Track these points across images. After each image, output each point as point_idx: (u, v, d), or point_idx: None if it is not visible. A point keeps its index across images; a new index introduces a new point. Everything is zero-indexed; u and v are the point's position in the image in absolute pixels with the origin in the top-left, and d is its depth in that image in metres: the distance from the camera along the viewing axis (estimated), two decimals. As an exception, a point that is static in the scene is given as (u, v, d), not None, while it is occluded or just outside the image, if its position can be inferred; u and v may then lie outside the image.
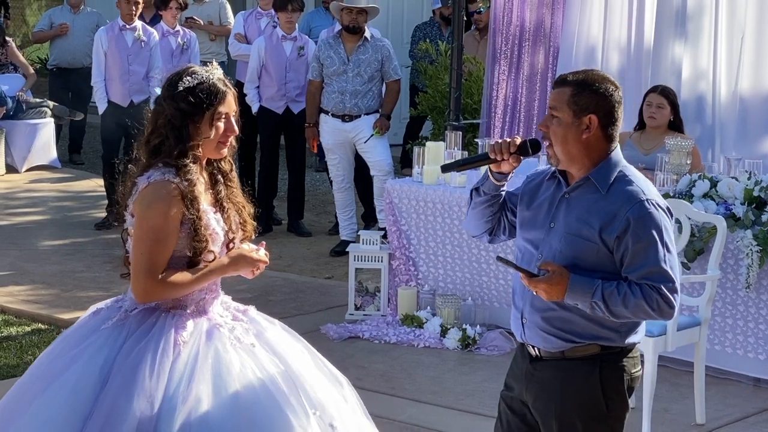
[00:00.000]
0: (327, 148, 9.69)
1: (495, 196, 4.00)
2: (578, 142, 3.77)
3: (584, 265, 3.75)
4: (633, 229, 3.70)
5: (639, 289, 3.68)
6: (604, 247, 3.73)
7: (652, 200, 3.73)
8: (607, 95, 3.77)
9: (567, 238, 3.78)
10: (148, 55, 10.37)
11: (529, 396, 3.93)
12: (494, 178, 3.96)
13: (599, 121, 3.76)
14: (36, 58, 20.46)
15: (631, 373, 3.88)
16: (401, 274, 7.81)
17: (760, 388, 6.65)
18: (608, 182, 3.77)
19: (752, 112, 7.88)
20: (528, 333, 3.90)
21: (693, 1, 8.04)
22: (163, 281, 3.91)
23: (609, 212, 3.73)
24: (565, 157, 3.80)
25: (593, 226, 3.74)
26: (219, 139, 4.01)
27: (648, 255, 3.69)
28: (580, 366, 3.82)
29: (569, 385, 3.83)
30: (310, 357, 4.12)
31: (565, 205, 3.83)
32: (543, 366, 3.89)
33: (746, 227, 6.51)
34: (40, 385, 3.91)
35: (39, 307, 8.02)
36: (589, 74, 3.83)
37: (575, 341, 3.81)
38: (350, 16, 9.39)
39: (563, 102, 3.78)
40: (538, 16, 8.56)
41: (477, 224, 4.09)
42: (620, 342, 3.83)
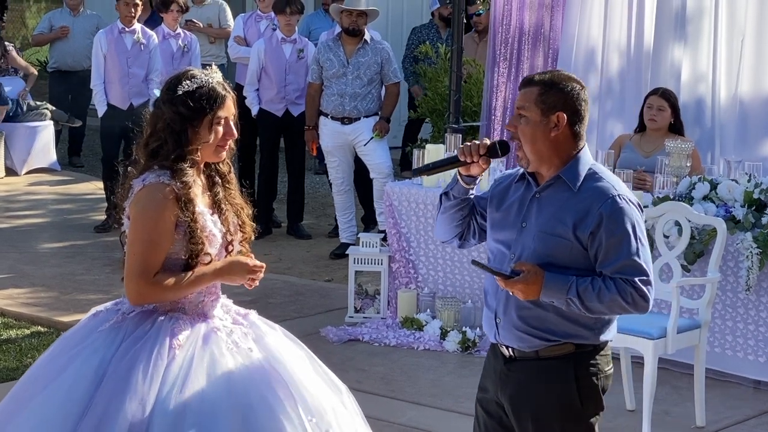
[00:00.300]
0: (326, 151, 9.69)
1: (464, 200, 4.03)
2: (547, 140, 3.81)
3: (558, 263, 3.78)
4: (606, 225, 3.74)
5: (613, 283, 3.72)
6: (578, 243, 3.77)
7: (623, 196, 3.78)
8: (574, 93, 3.82)
9: (540, 237, 3.81)
10: (148, 58, 10.37)
11: (504, 397, 3.94)
12: (463, 182, 4.00)
13: (567, 119, 3.80)
14: (35, 60, 20.45)
15: (605, 371, 3.91)
16: (401, 277, 7.81)
17: (760, 391, 6.64)
18: (579, 180, 3.82)
19: (752, 115, 7.87)
20: (502, 333, 3.91)
21: (693, 3, 8.03)
22: (155, 283, 3.90)
23: (582, 209, 3.77)
24: (535, 157, 3.83)
25: (567, 224, 3.77)
26: (218, 143, 4.01)
27: (621, 249, 3.74)
28: (555, 365, 3.84)
29: (545, 385, 3.85)
30: (309, 363, 4.11)
31: (536, 205, 3.86)
32: (517, 367, 3.90)
33: (746, 230, 6.50)
34: (38, 385, 3.91)
35: (38, 309, 8.02)
36: (555, 74, 3.89)
37: (550, 339, 3.83)
38: (350, 19, 9.39)
39: (531, 101, 3.82)
40: (537, 19, 8.56)
41: (447, 229, 4.11)
42: (594, 340, 3.86)
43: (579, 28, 8.40)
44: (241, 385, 3.88)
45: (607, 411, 6.34)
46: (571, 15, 8.41)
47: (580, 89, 3.84)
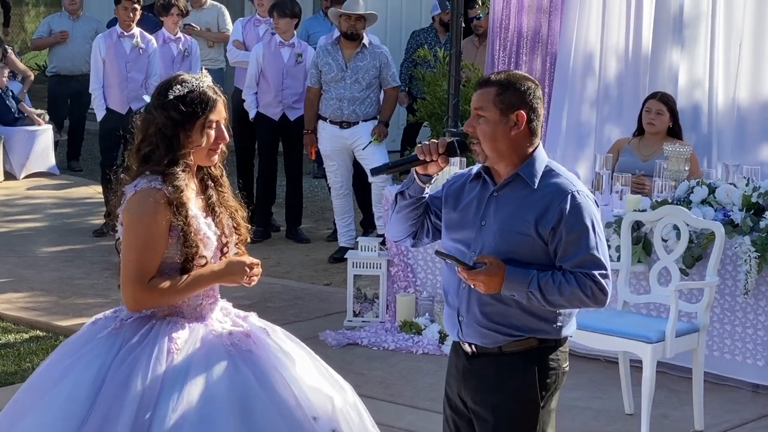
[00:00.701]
0: (325, 155, 9.70)
1: (419, 199, 4.08)
2: (507, 138, 3.87)
3: (520, 260, 3.84)
4: (566, 220, 3.81)
5: (573, 277, 3.79)
6: (539, 239, 3.83)
7: (581, 191, 3.87)
8: (530, 92, 3.90)
9: (501, 234, 3.86)
10: (147, 62, 10.37)
11: (467, 393, 3.99)
12: (420, 181, 4.04)
13: (526, 117, 3.88)
14: (34, 64, 20.46)
15: (563, 368, 3.97)
16: (400, 281, 7.81)
17: (758, 394, 6.64)
18: (537, 177, 3.89)
19: (750, 120, 7.88)
20: (465, 330, 3.96)
21: (690, 8, 8.04)
22: (152, 288, 3.91)
23: (542, 206, 3.83)
24: (494, 155, 3.90)
25: (528, 221, 3.84)
26: (210, 146, 4.01)
27: (581, 244, 3.80)
28: (517, 360, 3.90)
29: (507, 379, 3.90)
30: (311, 362, 4.11)
31: (494, 203, 3.92)
32: (480, 362, 3.95)
33: (744, 233, 6.51)
34: (37, 393, 3.92)
35: (37, 314, 8.01)
36: (511, 74, 3.97)
37: (513, 335, 3.89)
38: (348, 23, 9.40)
39: (489, 102, 3.89)
40: (535, 23, 8.57)
41: (401, 228, 4.15)
42: (556, 335, 3.92)
43: (577, 32, 8.40)
44: (241, 387, 3.89)
45: (605, 415, 6.39)
46: (569, 19, 8.42)
47: (535, 87, 3.93)
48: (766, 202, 6.63)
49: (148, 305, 3.96)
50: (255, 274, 4.09)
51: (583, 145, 8.43)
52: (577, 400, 6.49)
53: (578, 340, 6.12)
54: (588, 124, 8.47)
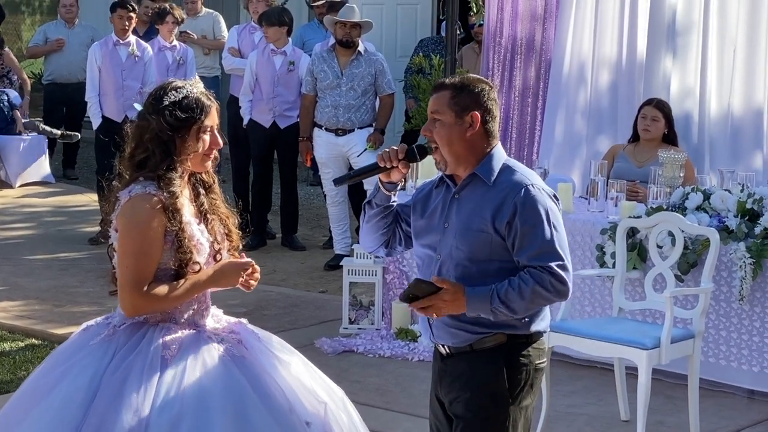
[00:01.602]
0: (321, 162, 9.70)
1: (387, 208, 4.11)
2: (463, 140, 3.91)
3: (480, 257, 3.88)
4: (520, 213, 3.84)
5: (530, 275, 3.81)
6: (497, 236, 3.87)
7: (536, 185, 3.90)
8: (484, 94, 3.94)
9: (461, 233, 3.91)
10: (143, 70, 10.38)
11: (443, 393, 4.03)
12: (385, 189, 4.08)
13: (480, 118, 3.91)
14: (30, 73, 20.46)
15: (535, 364, 3.98)
16: (395, 288, 7.81)
17: (754, 401, 6.64)
18: (493, 174, 3.92)
19: (742, 128, 7.89)
20: (436, 333, 4.01)
21: (683, 15, 8.05)
22: (149, 294, 3.91)
23: (498, 201, 3.88)
24: (452, 158, 3.94)
25: (485, 218, 3.88)
26: (204, 152, 4.02)
27: (536, 235, 3.83)
28: (488, 355, 3.93)
29: (477, 374, 3.93)
30: (304, 368, 4.12)
31: (456, 205, 3.96)
32: (453, 361, 4.00)
33: (739, 240, 6.51)
34: (30, 401, 3.91)
35: (32, 322, 8.01)
36: (465, 77, 4.03)
37: (481, 332, 3.91)
38: (344, 30, 9.41)
39: (444, 105, 3.94)
40: (529, 31, 8.58)
41: (372, 238, 4.18)
42: (525, 330, 3.94)
43: (571, 40, 8.41)
44: (235, 393, 3.89)
45: (601, 421, 6.38)
46: (563, 27, 8.43)
47: (489, 89, 3.96)
48: (760, 209, 6.63)
49: (146, 311, 3.96)
50: (253, 278, 4.09)
51: (577, 152, 8.44)
52: (572, 406, 6.50)
53: (573, 346, 6.14)
54: (582, 131, 8.47)
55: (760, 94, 7.82)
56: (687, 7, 8.04)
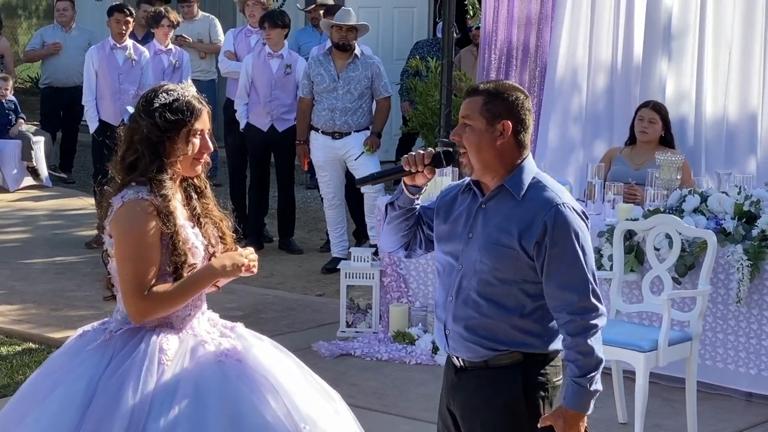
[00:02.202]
0: (317, 165, 9.70)
1: (410, 210, 4.04)
2: (492, 148, 3.82)
3: (504, 275, 3.80)
4: (550, 233, 3.75)
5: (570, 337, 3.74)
6: (523, 254, 3.78)
7: (567, 204, 3.80)
8: (518, 103, 3.84)
9: (486, 247, 3.82)
10: (140, 74, 10.37)
11: (456, 407, 3.96)
12: (408, 192, 4.01)
13: (512, 127, 3.82)
14: (27, 76, 20.46)
15: (553, 382, 3.90)
16: (392, 291, 7.81)
17: (752, 403, 6.65)
18: (523, 189, 3.83)
19: (738, 131, 7.89)
20: (452, 344, 3.93)
21: (679, 19, 8.05)
22: (152, 297, 3.90)
23: (526, 218, 3.78)
24: (480, 165, 3.85)
25: (512, 233, 3.79)
26: (194, 156, 4.02)
27: (564, 260, 3.74)
28: (504, 373, 3.86)
29: (493, 392, 3.86)
30: (299, 372, 4.12)
31: (482, 216, 3.88)
32: (467, 376, 3.92)
33: (736, 242, 6.52)
34: (26, 407, 3.90)
35: (30, 326, 8.00)
36: (500, 83, 3.93)
37: (498, 349, 3.85)
38: (340, 34, 9.41)
39: (476, 110, 3.84)
40: (525, 35, 8.58)
41: (393, 239, 4.12)
42: (543, 348, 3.86)
43: (566, 44, 8.41)
44: (232, 397, 3.89)
45: (599, 424, 6.38)
46: (558, 31, 8.43)
47: (524, 98, 3.86)
48: (758, 211, 6.64)
49: (152, 314, 3.94)
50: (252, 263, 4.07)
51: (573, 155, 8.44)
52: (570, 409, 6.49)
53: (571, 349, 6.13)
54: (577, 135, 8.47)
55: (755, 98, 7.82)
56: (683, 10, 8.05)
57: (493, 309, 3.82)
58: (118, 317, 4.03)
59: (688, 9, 8.02)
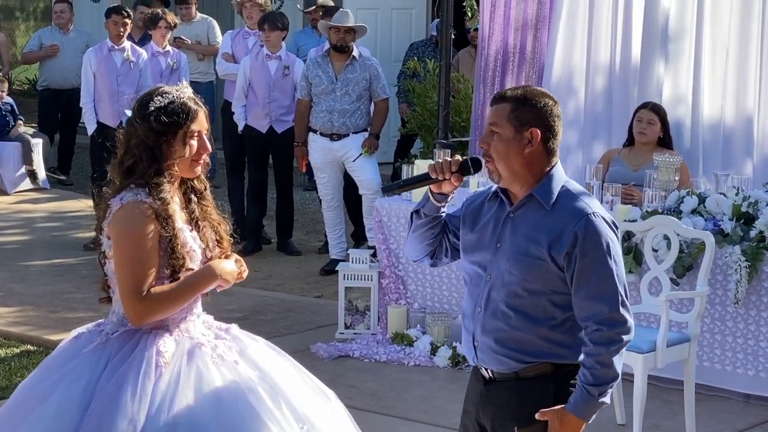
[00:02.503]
0: (316, 167, 9.70)
1: (435, 218, 3.96)
2: (520, 157, 3.74)
3: (533, 286, 3.73)
4: (581, 244, 3.68)
5: (591, 342, 3.68)
6: (553, 264, 3.71)
7: (597, 213, 3.72)
8: (547, 109, 3.76)
9: (515, 258, 3.75)
10: (138, 76, 10.38)
11: (486, 419, 3.90)
12: (435, 200, 3.92)
13: (541, 135, 3.75)
14: (24, 78, 20.46)
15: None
16: (391, 293, 7.81)
17: (750, 404, 6.65)
18: (552, 198, 3.75)
19: (735, 134, 7.89)
20: (480, 355, 3.86)
21: (676, 21, 8.04)
22: (150, 300, 3.89)
23: (556, 228, 3.70)
24: (508, 174, 3.77)
25: (541, 244, 3.71)
26: (192, 157, 4.01)
27: (594, 271, 3.67)
28: (535, 384, 3.79)
29: (525, 403, 3.79)
30: (295, 372, 4.12)
31: (510, 225, 3.79)
32: (497, 387, 3.86)
33: (735, 243, 6.52)
34: (22, 411, 3.89)
35: (28, 328, 8.00)
36: (528, 90, 3.83)
37: (528, 361, 3.78)
38: (338, 35, 9.41)
39: (503, 118, 3.75)
40: (522, 37, 8.58)
41: (418, 248, 4.04)
42: (573, 359, 3.80)
43: (563, 46, 8.41)
44: (229, 399, 3.89)
45: (597, 426, 6.36)
46: (556, 33, 8.43)
47: (552, 105, 3.79)
48: (755, 212, 6.64)
49: (151, 317, 3.93)
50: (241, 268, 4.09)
51: (570, 158, 8.43)
52: (568, 410, 6.49)
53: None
54: (574, 137, 8.46)
55: (751, 101, 7.82)
56: (680, 12, 8.05)
57: (522, 320, 3.75)
58: (114, 319, 4.03)
59: (685, 11, 8.02)
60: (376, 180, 9.51)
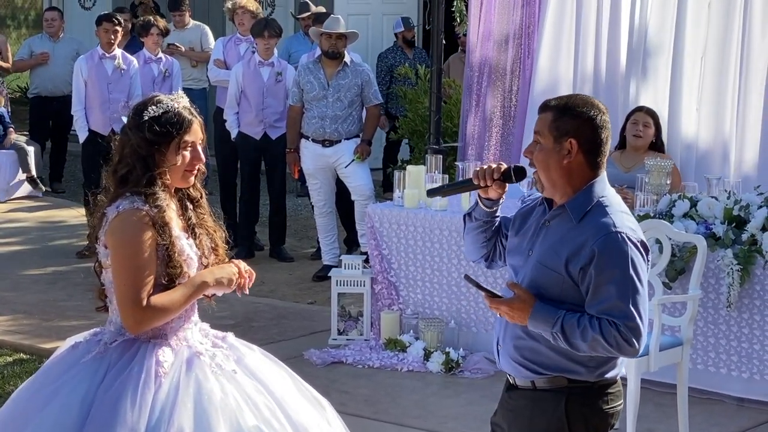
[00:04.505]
0: (308, 173, 9.69)
1: (487, 222, 3.97)
2: (560, 168, 3.70)
3: (550, 296, 3.71)
4: (597, 261, 3.61)
5: (598, 323, 3.61)
6: (569, 278, 3.68)
7: (622, 232, 3.63)
8: (588, 119, 3.70)
9: (537, 267, 3.75)
10: (129, 83, 10.37)
11: (504, 423, 3.93)
12: (483, 205, 3.94)
13: (579, 146, 3.68)
14: (16, 86, 20.43)
15: (605, 410, 3.79)
16: (384, 298, 7.81)
17: (744, 407, 6.65)
18: (582, 212, 3.69)
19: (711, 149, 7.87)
20: (502, 360, 3.90)
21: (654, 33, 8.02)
22: (150, 307, 3.88)
23: (577, 243, 3.66)
24: (549, 184, 3.75)
25: (561, 257, 3.68)
26: (185, 167, 4.00)
27: (609, 290, 3.60)
28: (549, 397, 3.78)
29: (538, 414, 3.80)
30: (291, 381, 4.12)
31: (543, 233, 3.78)
32: (516, 395, 3.88)
33: (726, 246, 6.53)
34: (19, 421, 3.88)
35: (21, 337, 7.98)
36: (572, 98, 3.78)
37: (542, 373, 3.78)
38: (329, 42, 9.40)
39: (545, 127, 3.72)
40: (511, 44, 8.58)
41: (472, 249, 4.07)
42: (589, 377, 3.76)
43: (550, 54, 8.41)
44: (229, 408, 3.89)
45: (591, 430, 6.36)
46: (542, 42, 8.43)
47: (596, 114, 3.70)
48: (747, 215, 6.65)
49: (149, 324, 3.92)
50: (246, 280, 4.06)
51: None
52: (562, 415, 6.49)
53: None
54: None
55: (728, 119, 7.77)
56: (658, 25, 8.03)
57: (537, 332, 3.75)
58: (112, 328, 4.02)
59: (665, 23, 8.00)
60: (368, 186, 9.51)
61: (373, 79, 9.64)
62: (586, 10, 8.29)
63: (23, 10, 27.93)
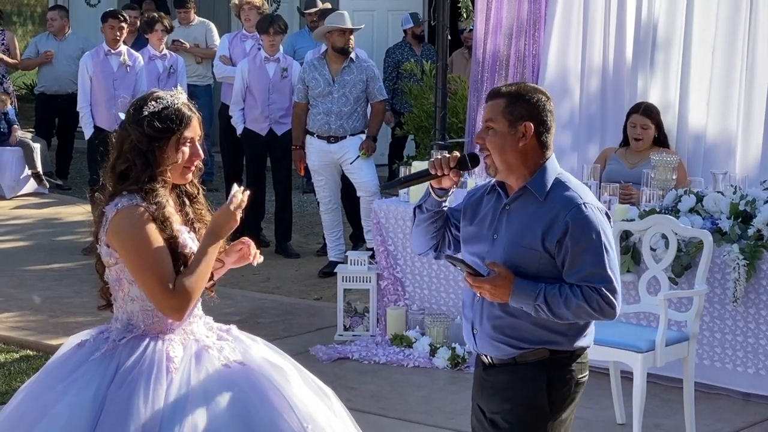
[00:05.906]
0: (313, 170, 9.69)
1: (437, 212, 4.12)
2: (515, 150, 3.89)
3: (527, 274, 3.87)
4: (571, 232, 3.82)
5: (579, 290, 3.81)
6: (546, 253, 3.86)
7: (589, 204, 3.87)
8: (540, 104, 3.91)
9: (510, 248, 3.90)
10: (134, 80, 10.38)
11: (484, 403, 4.04)
12: (436, 195, 4.09)
13: (534, 129, 3.89)
14: (22, 84, 20.46)
15: (577, 379, 3.98)
16: (390, 294, 7.81)
17: (750, 403, 6.65)
18: (545, 189, 3.89)
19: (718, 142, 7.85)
20: (479, 343, 4.02)
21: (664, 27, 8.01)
22: (181, 289, 3.86)
23: (549, 218, 3.85)
24: (504, 167, 3.92)
25: (536, 234, 3.86)
26: (184, 164, 4.00)
27: (586, 258, 3.82)
28: (531, 369, 3.93)
29: (518, 387, 3.94)
30: (296, 371, 4.12)
31: (506, 217, 3.95)
32: (495, 372, 4.00)
33: (733, 241, 6.52)
34: (29, 420, 3.86)
35: (27, 333, 7.99)
36: (522, 86, 3.99)
37: (524, 347, 3.93)
38: (344, 38, 9.38)
39: (498, 113, 3.91)
40: (516, 39, 8.57)
41: (422, 241, 4.21)
42: (569, 346, 3.95)
43: (558, 47, 8.40)
44: (240, 400, 3.89)
45: (597, 425, 6.38)
46: (550, 34, 8.42)
47: (545, 100, 3.93)
48: (753, 210, 6.64)
49: (189, 304, 3.90)
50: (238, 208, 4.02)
51: (565, 160, 8.42)
52: (568, 410, 6.49)
53: (568, 350, 6.13)
54: (570, 138, 8.44)
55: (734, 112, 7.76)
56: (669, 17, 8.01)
57: (518, 308, 3.88)
58: (118, 326, 4.01)
59: (675, 16, 7.98)
60: (374, 182, 9.51)
61: (378, 75, 9.64)
62: (594, 2, 8.28)
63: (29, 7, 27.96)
